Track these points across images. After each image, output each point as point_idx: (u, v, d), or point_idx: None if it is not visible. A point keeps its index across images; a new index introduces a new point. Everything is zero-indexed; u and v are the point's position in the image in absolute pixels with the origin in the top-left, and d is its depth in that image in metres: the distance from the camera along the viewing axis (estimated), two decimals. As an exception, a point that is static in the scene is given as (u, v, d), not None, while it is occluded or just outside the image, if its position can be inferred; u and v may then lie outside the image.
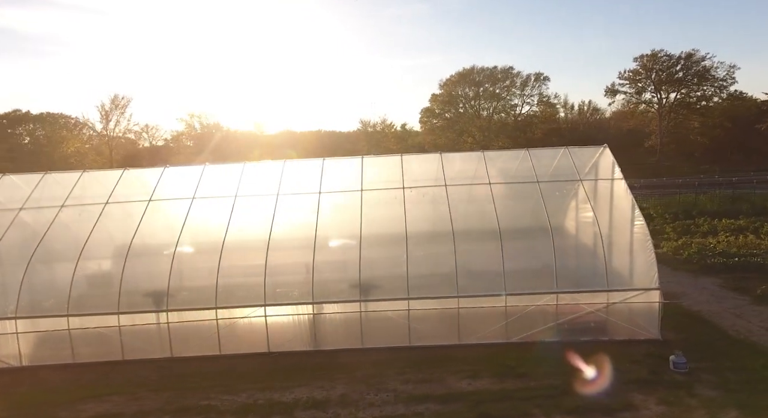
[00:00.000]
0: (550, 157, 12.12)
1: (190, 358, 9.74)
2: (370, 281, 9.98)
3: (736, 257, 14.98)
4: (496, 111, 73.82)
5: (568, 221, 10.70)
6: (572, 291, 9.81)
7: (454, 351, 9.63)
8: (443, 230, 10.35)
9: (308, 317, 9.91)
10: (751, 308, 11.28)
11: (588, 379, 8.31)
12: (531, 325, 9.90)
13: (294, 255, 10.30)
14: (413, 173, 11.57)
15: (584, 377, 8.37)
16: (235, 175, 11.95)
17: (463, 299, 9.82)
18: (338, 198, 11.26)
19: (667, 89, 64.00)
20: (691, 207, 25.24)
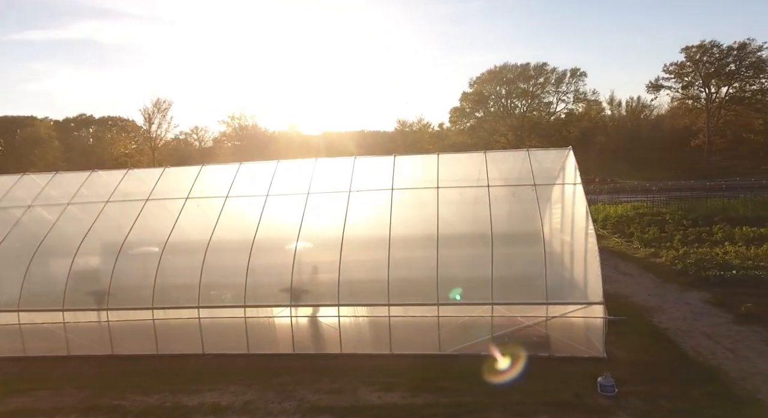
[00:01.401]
0: (510, 161, 11.55)
1: (129, 356, 10.04)
2: (301, 285, 9.88)
3: (736, 269, 13.58)
4: (530, 109, 71.24)
5: (513, 228, 10.07)
6: (508, 303, 9.23)
7: (383, 361, 9.33)
8: (381, 236, 10.06)
9: (242, 320, 9.93)
10: (728, 328, 10.17)
11: (503, 397, 7.80)
12: (465, 337, 9.42)
13: (235, 257, 10.34)
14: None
15: (500, 395, 7.86)
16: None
17: (394, 307, 9.51)
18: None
19: (717, 83, 59.21)
20: (718, 212, 23.24)
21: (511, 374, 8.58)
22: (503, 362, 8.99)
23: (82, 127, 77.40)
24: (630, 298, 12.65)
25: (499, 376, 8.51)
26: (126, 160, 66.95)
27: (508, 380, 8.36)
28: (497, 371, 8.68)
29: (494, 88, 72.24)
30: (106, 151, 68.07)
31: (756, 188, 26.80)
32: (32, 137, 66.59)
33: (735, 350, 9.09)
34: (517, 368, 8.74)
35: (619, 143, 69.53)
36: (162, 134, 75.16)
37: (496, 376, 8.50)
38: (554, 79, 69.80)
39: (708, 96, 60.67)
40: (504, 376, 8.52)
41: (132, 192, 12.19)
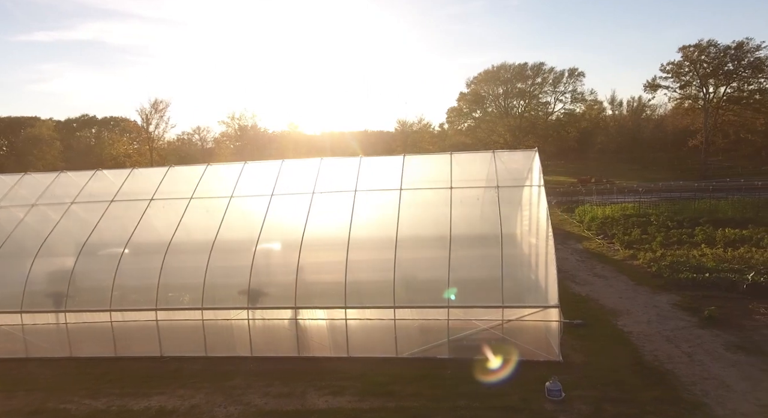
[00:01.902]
0: (476, 162, 11.45)
1: (88, 358, 10.01)
2: (259, 287, 9.83)
3: (709, 271, 13.45)
4: (528, 110, 70.82)
5: (472, 230, 9.99)
6: (464, 306, 9.15)
7: (340, 365, 9.27)
8: (341, 238, 10.00)
9: (199, 322, 9.89)
10: (690, 332, 10.06)
11: (450, 402, 7.72)
12: (422, 340, 9.36)
13: (195, 259, 10.28)
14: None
15: (447, 399, 7.79)
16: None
17: (351, 310, 9.45)
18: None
19: (715, 83, 58.70)
20: (706, 214, 23.07)
21: (465, 377, 8.52)
22: (458, 365, 8.94)
23: (84, 128, 77.67)
24: (600, 301, 12.55)
25: (453, 380, 8.45)
26: (125, 160, 67.16)
27: (462, 383, 8.31)
28: (452, 375, 8.61)
29: (491, 88, 71.87)
30: (105, 152, 68.25)
31: (743, 190, 26.59)
32: (33, 138, 66.96)
33: (692, 354, 8.99)
34: (471, 372, 8.67)
35: (621, 143, 69.22)
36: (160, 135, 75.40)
37: (450, 380, 8.44)
38: (552, 79, 69.37)
39: (705, 96, 60.18)
40: (458, 379, 8.46)
41: (99, 193, 12.17)
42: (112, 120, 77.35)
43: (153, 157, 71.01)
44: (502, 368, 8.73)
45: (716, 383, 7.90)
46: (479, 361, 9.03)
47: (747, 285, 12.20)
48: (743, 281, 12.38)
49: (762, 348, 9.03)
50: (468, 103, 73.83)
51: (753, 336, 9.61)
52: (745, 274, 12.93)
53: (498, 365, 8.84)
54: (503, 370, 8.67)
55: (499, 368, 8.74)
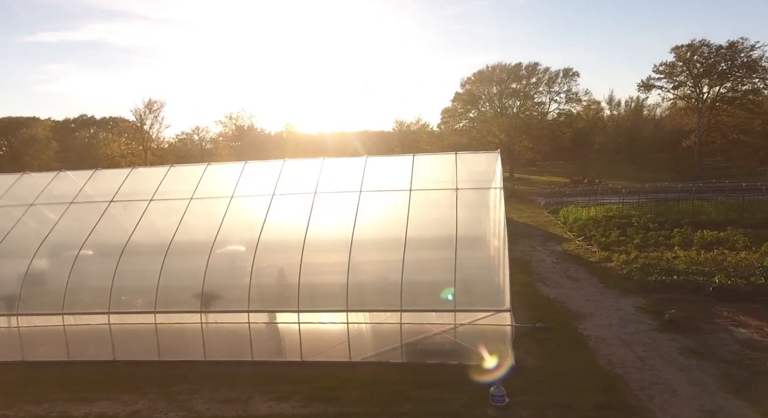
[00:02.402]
0: (439, 164, 11.36)
1: (40, 363, 9.90)
2: (213, 290, 9.72)
3: (678, 274, 13.36)
4: (522, 110, 70.50)
5: (429, 232, 9.88)
6: (417, 310, 9.06)
7: (292, 369, 9.16)
8: (296, 240, 9.90)
9: (152, 326, 9.78)
10: (648, 335, 9.96)
11: (393, 408, 7.63)
12: (376, 345, 9.27)
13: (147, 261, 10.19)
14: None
15: (391, 405, 7.70)
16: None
17: (304, 313, 9.35)
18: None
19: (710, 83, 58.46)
20: (688, 215, 22.99)
21: (414, 382, 8.43)
22: (410, 370, 8.86)
23: (83, 128, 77.47)
24: (566, 303, 12.45)
25: (402, 384, 8.36)
26: (120, 160, 67.01)
27: (409, 388, 8.22)
28: (402, 380, 8.52)
29: (486, 88, 71.55)
30: (100, 152, 68.07)
31: (727, 191, 26.52)
32: (29, 138, 66.87)
33: (645, 358, 8.90)
34: (422, 377, 8.58)
35: (620, 144, 68.75)
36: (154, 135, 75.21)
37: (398, 385, 8.35)
38: (546, 79, 69.09)
39: (699, 96, 59.98)
40: (407, 384, 8.37)
41: (63, 194, 12.07)
42: (111, 120, 77.23)
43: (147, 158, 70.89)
44: (451, 373, 8.63)
45: (663, 388, 7.81)
46: (432, 365, 8.96)
47: (713, 288, 12.12)
48: (709, 284, 12.29)
49: (716, 353, 8.94)
50: (463, 103, 73.55)
51: (709, 340, 9.52)
52: (714, 276, 12.85)
53: (451, 369, 8.75)
54: (452, 375, 8.57)
55: (449, 373, 8.65)
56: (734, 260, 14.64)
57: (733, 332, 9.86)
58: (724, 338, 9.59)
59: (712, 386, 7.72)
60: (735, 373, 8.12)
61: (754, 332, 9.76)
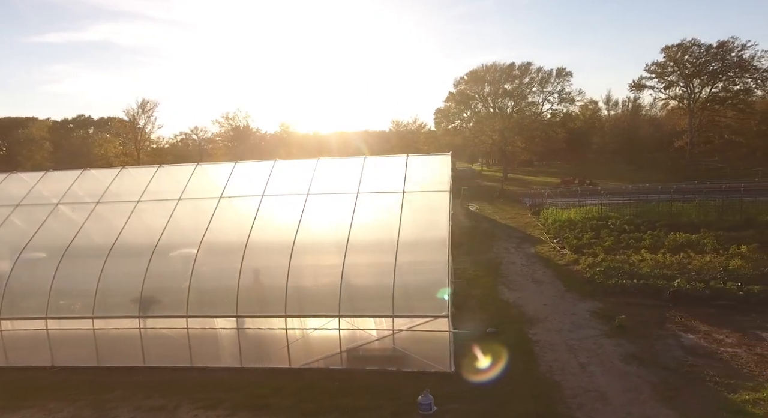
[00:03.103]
0: (387, 167, 11.20)
1: (-23, 368, 9.75)
2: (152, 295, 9.56)
3: (639, 278, 13.21)
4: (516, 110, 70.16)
5: (372, 236, 9.71)
6: (355, 315, 8.91)
7: (231, 375, 9.00)
8: (238, 243, 9.75)
9: (91, 331, 9.62)
10: (595, 341, 9.81)
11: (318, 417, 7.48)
12: (316, 351, 9.11)
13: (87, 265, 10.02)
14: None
15: (318, 414, 7.55)
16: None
17: (243, 319, 9.20)
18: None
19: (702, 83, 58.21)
20: (666, 217, 22.84)
21: (348, 389, 8.28)
22: (350, 376, 8.71)
23: (81, 128, 77.27)
24: (524, 307, 12.31)
25: (335, 392, 8.21)
26: (113, 160, 66.78)
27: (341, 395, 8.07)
28: (337, 387, 8.37)
29: (479, 88, 71.21)
30: (93, 152, 67.81)
31: (706, 191, 26.37)
32: (24, 138, 66.67)
33: (586, 365, 8.75)
34: (358, 384, 8.44)
35: (617, 144, 68.28)
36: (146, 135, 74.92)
37: (332, 392, 8.20)
38: (539, 79, 68.73)
39: (690, 96, 59.76)
40: (341, 392, 8.22)
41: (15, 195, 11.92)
42: (110, 120, 77.08)
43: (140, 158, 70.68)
44: (389, 380, 8.49)
45: (596, 395, 7.66)
46: (372, 372, 8.81)
47: (670, 292, 11.98)
48: (668, 288, 12.15)
49: (658, 359, 8.80)
50: (456, 103, 73.29)
51: (655, 346, 9.38)
52: (675, 280, 12.71)
53: (390, 375, 8.61)
54: (389, 381, 8.43)
55: (387, 380, 8.51)
56: (699, 263, 14.47)
57: (681, 337, 9.72)
58: (671, 343, 9.45)
59: (645, 394, 7.58)
60: (671, 380, 7.98)
61: (701, 338, 9.61)
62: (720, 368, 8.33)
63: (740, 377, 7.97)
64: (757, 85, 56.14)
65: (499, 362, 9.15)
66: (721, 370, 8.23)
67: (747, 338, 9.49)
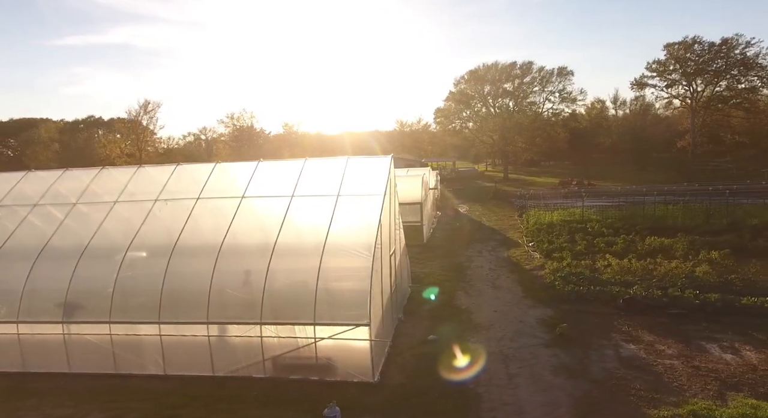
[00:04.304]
0: (326, 169, 10.92)
1: None
2: (77, 300, 9.38)
3: (597, 284, 12.81)
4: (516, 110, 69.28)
5: (301, 241, 9.43)
6: (276, 323, 8.65)
7: (153, 383, 8.77)
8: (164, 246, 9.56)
9: (16, 336, 9.47)
10: (532, 350, 9.46)
11: (221, 429, 7.25)
12: (239, 358, 8.86)
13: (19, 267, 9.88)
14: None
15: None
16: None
17: (165, 325, 8.99)
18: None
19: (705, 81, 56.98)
20: (650, 221, 22.31)
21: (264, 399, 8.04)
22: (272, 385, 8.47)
23: (91, 129, 78.13)
24: (474, 314, 11.97)
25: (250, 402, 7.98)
26: (116, 160, 67.31)
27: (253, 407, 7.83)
28: (255, 397, 8.13)
29: (479, 87, 70.44)
30: (96, 153, 68.38)
31: (688, 194, 25.74)
32: (30, 139, 67.62)
33: (514, 376, 8.42)
34: (276, 393, 8.19)
35: (623, 144, 66.77)
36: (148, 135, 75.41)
37: (245, 403, 7.97)
38: (540, 78, 67.82)
39: (693, 95, 58.54)
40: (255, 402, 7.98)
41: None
42: (119, 121, 77.93)
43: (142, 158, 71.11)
44: (310, 389, 8.24)
45: (513, 409, 7.34)
46: (294, 381, 8.56)
47: (623, 300, 11.58)
48: (622, 296, 11.74)
49: (589, 371, 8.43)
50: (456, 103, 72.65)
51: (592, 356, 9.01)
52: (633, 287, 12.30)
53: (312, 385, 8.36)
54: (310, 391, 8.18)
55: (308, 389, 8.26)
56: (665, 269, 14.01)
57: (621, 348, 9.34)
58: (608, 354, 9.08)
59: (563, 409, 7.24)
60: (595, 394, 7.62)
61: (642, 349, 9.22)
62: (650, 381, 7.95)
63: (667, 391, 7.59)
64: (763, 84, 54.79)
65: (428, 371, 8.86)
66: (650, 383, 7.86)
67: (689, 349, 9.09)
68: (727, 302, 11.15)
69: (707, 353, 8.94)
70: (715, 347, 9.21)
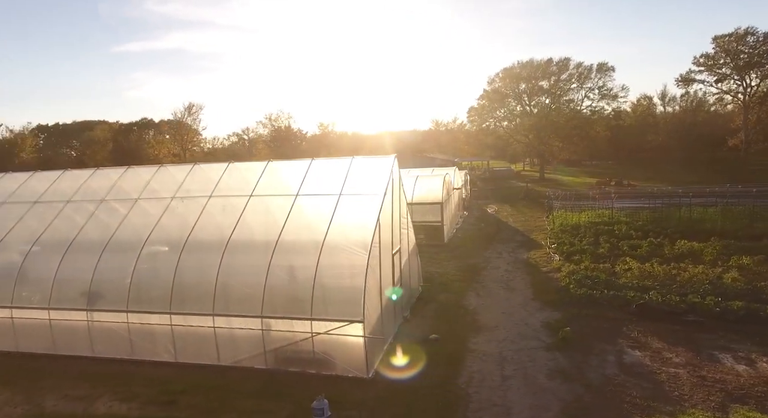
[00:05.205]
0: (331, 169, 11.16)
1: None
2: (98, 289, 10.09)
3: (612, 288, 12.38)
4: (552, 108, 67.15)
5: (302, 238, 9.70)
6: (275, 316, 8.99)
7: (163, 370, 9.30)
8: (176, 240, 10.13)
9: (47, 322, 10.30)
10: (531, 353, 9.32)
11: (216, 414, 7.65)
12: (243, 350, 9.29)
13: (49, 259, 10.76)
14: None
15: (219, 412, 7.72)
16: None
17: (175, 316, 9.54)
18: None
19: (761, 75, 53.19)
20: (684, 224, 21.24)
21: (261, 390, 8.39)
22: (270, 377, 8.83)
23: (143, 130, 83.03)
24: (480, 315, 11.90)
25: (247, 392, 8.36)
26: (162, 160, 70.98)
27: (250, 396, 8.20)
28: (251, 387, 8.51)
29: (513, 85, 68.81)
30: (145, 153, 72.27)
31: (728, 196, 24.19)
32: (89, 140, 72.71)
33: (508, 378, 8.35)
34: (273, 385, 8.53)
35: (672, 142, 63.15)
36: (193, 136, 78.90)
37: (242, 392, 8.35)
38: (578, 74, 65.37)
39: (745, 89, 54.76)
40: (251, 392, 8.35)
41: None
42: (165, 123, 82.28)
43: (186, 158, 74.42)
44: (306, 382, 8.52)
45: (501, 410, 7.31)
46: (293, 373, 8.88)
47: (636, 305, 11.15)
48: (636, 301, 11.31)
49: (585, 376, 8.24)
50: (489, 101, 71.36)
51: (591, 361, 8.78)
52: (650, 292, 11.82)
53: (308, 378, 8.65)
54: (306, 384, 8.46)
55: (305, 382, 8.54)
56: (689, 274, 13.34)
57: (625, 354, 9.05)
58: (609, 360, 8.82)
59: (551, 412, 7.14)
60: (587, 399, 7.46)
61: (647, 356, 8.89)
62: (649, 389, 7.68)
63: (665, 400, 7.31)
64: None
65: (423, 370, 8.94)
66: (649, 391, 7.59)
67: (699, 359, 8.68)
68: (752, 311, 10.54)
69: (718, 363, 8.52)
70: (729, 357, 8.75)
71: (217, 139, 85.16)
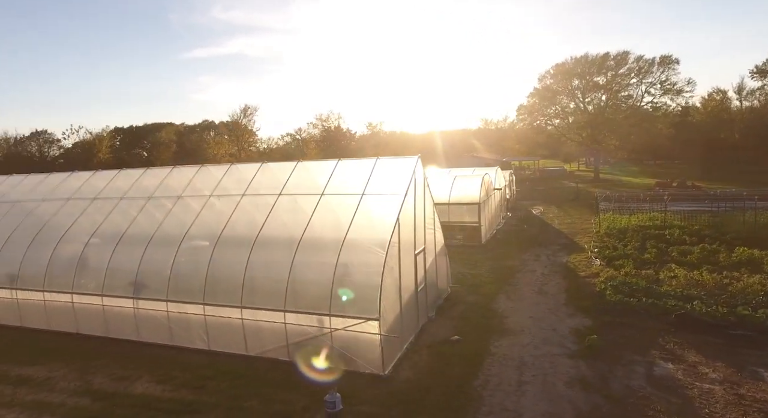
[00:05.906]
0: (356, 169, 11.37)
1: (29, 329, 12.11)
2: (143, 280, 10.96)
3: (651, 296, 11.68)
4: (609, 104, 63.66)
5: (325, 236, 9.96)
6: (297, 311, 9.35)
7: (197, 357, 9.97)
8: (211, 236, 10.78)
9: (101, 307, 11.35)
10: (553, 360, 9.04)
11: (239, 401, 8.10)
12: (268, 341, 9.75)
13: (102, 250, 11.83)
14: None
15: (241, 398, 8.18)
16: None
17: (209, 307, 10.18)
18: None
19: None
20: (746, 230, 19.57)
21: (282, 380, 8.79)
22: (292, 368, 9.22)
23: (204, 131, 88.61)
24: (508, 319, 11.67)
25: (269, 381, 8.79)
26: (221, 160, 75.03)
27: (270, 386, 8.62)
28: (274, 377, 8.94)
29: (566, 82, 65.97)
30: (204, 153, 76.76)
31: None
32: (156, 141, 78.62)
33: (525, 383, 8.18)
34: (294, 376, 8.91)
35: (749, 140, 57.63)
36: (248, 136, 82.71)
37: (265, 381, 8.79)
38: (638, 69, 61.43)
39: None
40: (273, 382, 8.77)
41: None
42: (223, 124, 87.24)
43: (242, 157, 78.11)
44: (324, 376, 8.82)
45: (512, 415, 7.21)
46: (311, 366, 9.21)
47: (676, 315, 10.48)
48: (676, 310, 10.63)
49: (608, 386, 7.89)
50: (540, 99, 68.96)
51: (617, 372, 8.39)
52: (694, 301, 11.06)
53: (323, 372, 8.95)
54: (325, 378, 8.76)
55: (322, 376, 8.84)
56: (743, 284, 12.31)
57: (656, 366, 8.56)
58: (637, 371, 8.39)
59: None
60: (605, 410, 7.17)
61: (681, 370, 8.36)
62: (677, 404, 7.25)
63: (693, 416, 6.88)
64: None
65: (439, 370, 8.97)
66: (676, 406, 7.17)
67: (739, 376, 8.06)
68: (812, 327, 9.61)
69: (761, 382, 7.86)
70: (775, 375, 8.06)
71: (272, 140, 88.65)
